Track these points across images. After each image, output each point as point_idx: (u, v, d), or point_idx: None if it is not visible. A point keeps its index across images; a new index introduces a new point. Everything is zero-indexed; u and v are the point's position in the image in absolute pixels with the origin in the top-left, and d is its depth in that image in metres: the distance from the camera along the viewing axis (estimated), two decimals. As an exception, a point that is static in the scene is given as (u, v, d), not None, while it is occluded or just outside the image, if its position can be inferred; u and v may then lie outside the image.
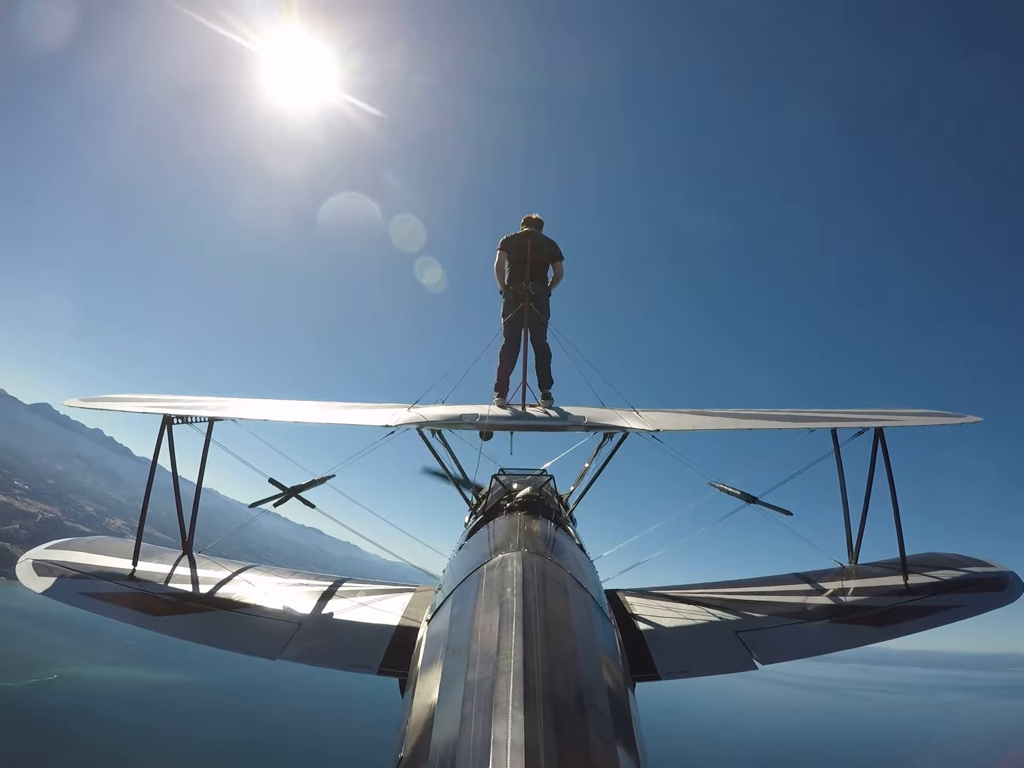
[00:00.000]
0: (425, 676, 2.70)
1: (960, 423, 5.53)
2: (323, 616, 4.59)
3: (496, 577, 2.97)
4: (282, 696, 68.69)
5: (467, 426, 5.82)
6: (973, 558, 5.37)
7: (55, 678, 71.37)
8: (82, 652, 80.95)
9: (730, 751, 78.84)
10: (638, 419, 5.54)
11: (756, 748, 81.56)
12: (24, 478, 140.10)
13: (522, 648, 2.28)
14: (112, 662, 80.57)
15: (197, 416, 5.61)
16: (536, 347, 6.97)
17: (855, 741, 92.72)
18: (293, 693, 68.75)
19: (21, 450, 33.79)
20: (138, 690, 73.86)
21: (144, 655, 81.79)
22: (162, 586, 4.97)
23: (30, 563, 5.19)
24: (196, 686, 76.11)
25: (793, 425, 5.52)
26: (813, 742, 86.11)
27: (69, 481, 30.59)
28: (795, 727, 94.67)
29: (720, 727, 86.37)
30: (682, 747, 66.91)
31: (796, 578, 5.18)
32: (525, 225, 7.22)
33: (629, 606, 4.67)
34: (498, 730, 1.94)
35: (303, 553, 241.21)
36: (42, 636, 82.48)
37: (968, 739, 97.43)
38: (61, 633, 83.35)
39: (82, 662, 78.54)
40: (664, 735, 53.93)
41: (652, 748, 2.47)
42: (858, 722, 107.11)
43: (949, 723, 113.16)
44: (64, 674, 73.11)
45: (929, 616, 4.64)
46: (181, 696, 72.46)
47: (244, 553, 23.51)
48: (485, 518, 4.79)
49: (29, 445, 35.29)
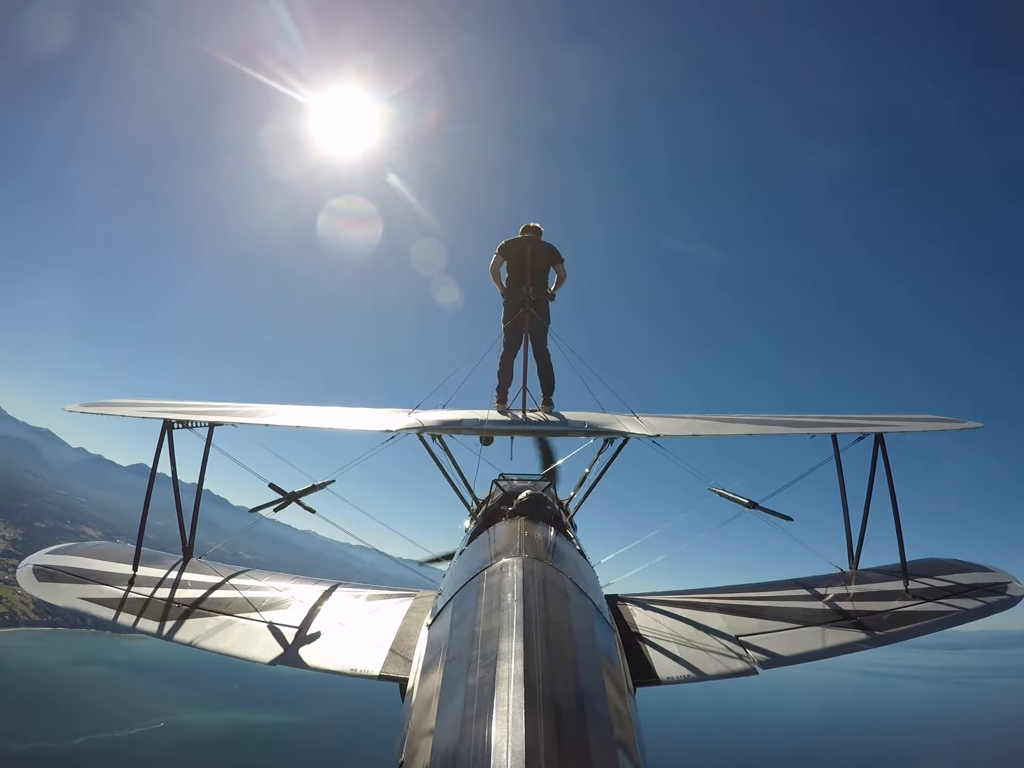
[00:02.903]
0: (426, 681, 2.70)
1: (960, 429, 5.54)
2: (324, 621, 4.59)
3: (496, 582, 2.96)
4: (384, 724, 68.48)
5: (467, 431, 5.81)
6: (973, 564, 5.36)
7: (161, 726, 72.61)
8: (187, 699, 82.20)
9: (731, 757, 78.58)
10: (639, 424, 5.55)
11: (758, 749, 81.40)
12: (129, 537, 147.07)
13: (523, 654, 2.28)
14: (217, 707, 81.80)
15: (197, 421, 5.61)
16: (536, 352, 6.98)
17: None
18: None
19: (124, 510, 34.57)
20: (244, 733, 74.87)
21: (249, 698, 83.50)
22: (162, 591, 4.97)
23: (31, 568, 5.22)
24: (302, 726, 76.87)
25: (793, 431, 5.53)
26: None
27: (171, 536, 30.86)
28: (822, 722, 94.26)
29: (722, 732, 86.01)
30: (684, 753, 66.68)
31: (797, 583, 5.18)
32: (524, 232, 7.26)
33: (630, 612, 4.66)
34: (499, 735, 1.94)
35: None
36: (148, 686, 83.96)
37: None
38: (166, 681, 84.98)
39: (188, 708, 79.64)
40: (665, 741, 53.71)
41: (652, 754, 2.47)
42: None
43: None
44: (171, 722, 74.22)
45: (929, 621, 4.63)
46: (287, 737, 73.23)
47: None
48: (485, 523, 4.79)
49: (132, 505, 36.08)
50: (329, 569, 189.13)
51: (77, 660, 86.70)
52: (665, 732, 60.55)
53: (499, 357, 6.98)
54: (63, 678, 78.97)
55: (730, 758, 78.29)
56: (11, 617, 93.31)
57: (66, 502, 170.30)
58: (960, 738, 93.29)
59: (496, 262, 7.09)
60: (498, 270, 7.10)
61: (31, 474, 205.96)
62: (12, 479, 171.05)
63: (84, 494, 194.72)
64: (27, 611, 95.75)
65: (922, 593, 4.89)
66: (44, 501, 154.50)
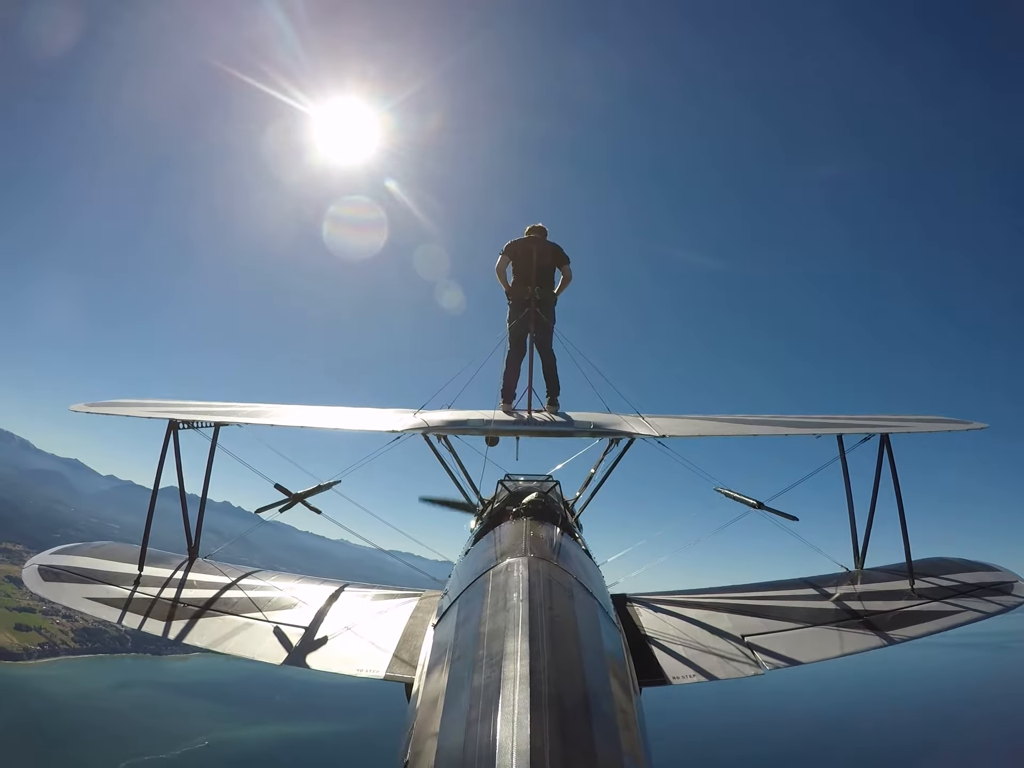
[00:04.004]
0: (431, 681, 2.70)
1: (966, 429, 5.52)
2: (329, 621, 4.60)
3: (502, 582, 2.97)
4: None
5: (473, 431, 5.80)
6: (979, 563, 5.34)
7: (206, 744, 72.83)
8: (230, 715, 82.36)
9: (737, 755, 78.32)
10: (644, 425, 5.54)
11: (762, 747, 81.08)
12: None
13: (528, 654, 2.29)
14: (261, 721, 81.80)
15: (203, 421, 5.62)
16: (542, 353, 6.98)
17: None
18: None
19: (157, 533, 34.46)
20: (289, 745, 74.88)
21: (292, 709, 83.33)
22: (168, 591, 4.99)
23: (36, 568, 5.21)
24: (348, 735, 76.52)
25: (799, 431, 5.52)
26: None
27: (205, 554, 31.31)
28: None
29: (728, 731, 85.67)
30: (689, 753, 66.49)
31: (802, 583, 5.16)
32: (529, 232, 7.25)
33: (635, 612, 4.66)
34: (504, 735, 1.95)
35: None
36: (190, 705, 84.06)
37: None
38: (208, 699, 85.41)
39: (231, 725, 79.87)
40: (671, 741, 53.52)
41: (658, 754, 2.47)
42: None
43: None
44: (216, 739, 74.41)
45: (936, 620, 4.61)
46: (333, 746, 73.15)
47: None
48: (491, 523, 4.78)
49: (164, 527, 36.03)
50: (370, 577, 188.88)
51: (119, 685, 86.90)
52: (671, 732, 60.42)
53: (504, 357, 6.97)
54: (106, 704, 79.14)
55: (736, 757, 78.03)
56: (51, 647, 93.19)
57: (98, 529, 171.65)
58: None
59: (502, 262, 7.06)
60: (504, 270, 7.08)
61: (62, 504, 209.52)
62: (44, 510, 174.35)
63: (116, 520, 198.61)
64: (67, 640, 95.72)
65: (928, 593, 4.87)
66: (76, 530, 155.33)
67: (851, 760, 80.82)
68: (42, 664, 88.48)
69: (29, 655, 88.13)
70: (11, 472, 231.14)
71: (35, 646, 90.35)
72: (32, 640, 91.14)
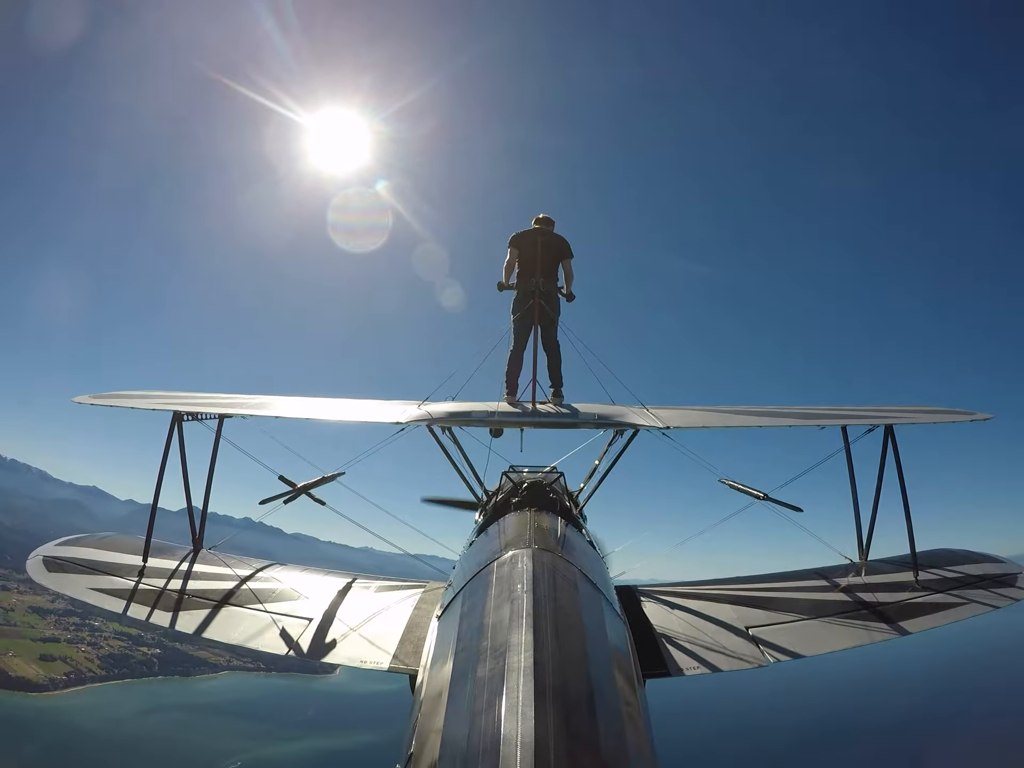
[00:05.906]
0: (435, 672, 2.72)
1: (971, 420, 5.50)
2: (334, 612, 4.63)
3: (506, 574, 2.98)
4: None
5: (477, 423, 5.80)
6: (983, 554, 5.36)
7: (239, 766, 71.42)
8: (263, 732, 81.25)
9: (741, 746, 78.62)
10: (648, 416, 5.52)
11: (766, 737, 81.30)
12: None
13: (532, 645, 2.29)
14: (294, 736, 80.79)
15: (207, 413, 5.62)
16: (546, 344, 6.93)
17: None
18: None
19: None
20: (326, 760, 73.94)
21: (326, 722, 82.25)
22: (173, 582, 5.01)
23: (40, 559, 5.22)
24: (383, 745, 74.99)
25: (803, 422, 5.50)
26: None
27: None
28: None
29: (732, 721, 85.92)
30: (693, 743, 66.72)
31: (806, 574, 5.18)
32: (536, 224, 7.19)
33: (639, 603, 4.67)
34: (508, 726, 1.95)
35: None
36: (222, 724, 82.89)
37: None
38: (239, 717, 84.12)
39: (265, 742, 78.76)
40: (674, 731, 53.73)
41: (662, 745, 2.47)
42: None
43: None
44: (249, 759, 73.14)
45: (940, 612, 4.63)
46: (370, 758, 70.26)
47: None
48: (495, 515, 4.79)
49: (183, 544, 35.95)
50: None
51: (148, 709, 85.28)
52: (675, 724, 60.55)
53: (509, 349, 6.92)
54: (136, 730, 77.69)
55: (739, 748, 78.35)
56: (77, 675, 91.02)
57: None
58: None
59: (511, 257, 6.95)
60: (512, 265, 6.97)
61: (82, 531, 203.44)
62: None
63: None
64: (92, 667, 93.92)
65: (932, 584, 4.89)
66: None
67: (854, 753, 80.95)
68: (69, 693, 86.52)
69: (55, 685, 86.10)
70: (30, 504, 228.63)
71: (61, 676, 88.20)
72: (58, 670, 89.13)
